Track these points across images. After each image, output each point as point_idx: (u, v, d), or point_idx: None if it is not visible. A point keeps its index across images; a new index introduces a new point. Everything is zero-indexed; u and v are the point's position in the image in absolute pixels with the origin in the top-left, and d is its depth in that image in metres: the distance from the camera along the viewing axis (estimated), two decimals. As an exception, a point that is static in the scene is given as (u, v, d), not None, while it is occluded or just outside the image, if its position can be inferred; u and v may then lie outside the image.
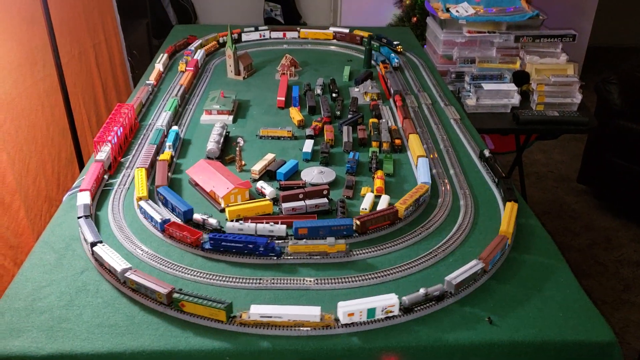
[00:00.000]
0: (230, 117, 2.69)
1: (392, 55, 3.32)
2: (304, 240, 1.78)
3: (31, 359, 1.43)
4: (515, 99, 3.32)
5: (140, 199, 1.98)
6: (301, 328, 1.50)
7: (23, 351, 1.44)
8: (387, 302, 1.52)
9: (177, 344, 1.47)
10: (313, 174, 2.22)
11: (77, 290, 1.64)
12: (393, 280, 1.70)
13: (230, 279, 1.68)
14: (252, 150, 2.43)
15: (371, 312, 1.51)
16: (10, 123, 2.76)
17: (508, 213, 1.91)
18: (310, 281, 1.68)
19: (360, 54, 3.51)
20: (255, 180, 2.18)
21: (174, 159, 2.36)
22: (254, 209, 1.96)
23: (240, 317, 1.51)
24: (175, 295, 1.54)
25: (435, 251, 1.81)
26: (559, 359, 1.50)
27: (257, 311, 1.50)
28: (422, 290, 1.55)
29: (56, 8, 3.28)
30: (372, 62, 3.38)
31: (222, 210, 2.00)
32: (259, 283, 1.67)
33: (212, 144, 2.36)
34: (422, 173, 2.15)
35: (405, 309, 1.54)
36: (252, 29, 3.71)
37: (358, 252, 1.79)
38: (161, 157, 2.28)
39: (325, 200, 2.01)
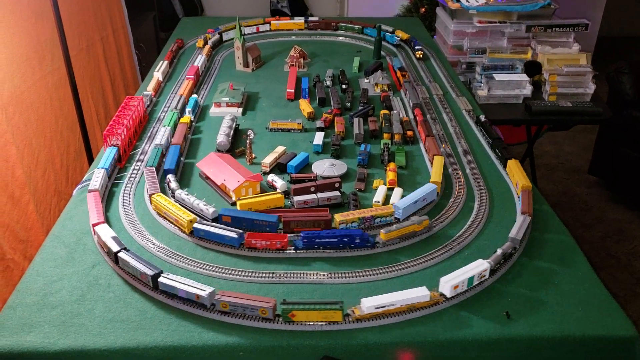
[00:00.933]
0: (240, 110, 2.67)
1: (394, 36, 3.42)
2: (395, 225, 1.77)
3: (43, 354, 1.42)
4: (527, 90, 3.28)
5: (191, 222, 1.83)
6: (412, 312, 1.51)
7: (35, 346, 1.42)
8: (480, 268, 1.58)
9: (190, 339, 1.45)
10: (324, 167, 2.19)
11: (89, 284, 1.63)
12: (408, 274, 1.68)
13: (244, 273, 1.66)
14: (262, 142, 2.40)
15: (470, 280, 1.56)
16: (19, 117, 2.75)
17: (515, 169, 2.07)
18: (323, 275, 1.66)
19: (370, 44, 3.47)
20: (266, 173, 2.16)
21: (193, 123, 2.56)
22: (265, 202, 1.94)
23: (354, 313, 1.49)
24: (283, 307, 1.47)
25: (450, 244, 1.79)
26: (579, 354, 1.48)
27: (371, 304, 1.48)
28: (499, 251, 1.66)
29: (65, 1, 3.26)
30: (382, 52, 3.34)
31: (234, 204, 1.98)
32: (272, 277, 1.65)
33: (222, 136, 2.34)
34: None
35: (492, 270, 1.62)
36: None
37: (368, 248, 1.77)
38: (181, 120, 2.49)
39: (337, 193, 1.99)
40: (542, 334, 1.47)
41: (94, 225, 1.79)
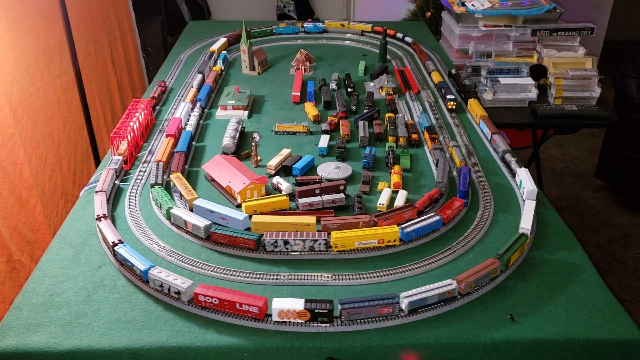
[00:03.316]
0: (246, 113, 2.68)
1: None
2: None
3: (49, 354, 1.43)
4: (533, 93, 3.27)
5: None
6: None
7: (41, 346, 1.44)
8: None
9: (194, 340, 1.46)
10: (329, 169, 2.20)
11: (95, 285, 1.64)
12: (412, 277, 1.68)
13: (248, 275, 1.67)
14: (267, 145, 2.41)
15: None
16: (27, 119, 2.77)
17: (475, 106, 2.47)
18: (327, 277, 1.66)
19: (376, 48, 3.48)
20: (271, 176, 2.17)
21: (223, 72, 3.05)
22: (270, 204, 1.95)
23: None
24: None
25: (454, 247, 1.79)
26: (584, 358, 1.47)
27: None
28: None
29: (73, 5, 3.29)
30: (387, 56, 3.34)
31: (239, 206, 1.99)
32: (276, 279, 1.66)
33: (227, 139, 2.35)
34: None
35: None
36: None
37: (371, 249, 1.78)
38: (214, 68, 2.93)
39: (342, 195, 1.99)
40: (547, 337, 1.46)
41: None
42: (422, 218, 1.84)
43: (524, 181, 2.04)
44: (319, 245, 1.74)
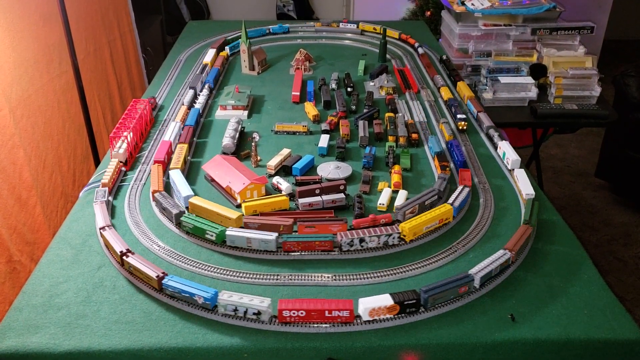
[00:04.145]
0: (245, 113, 2.68)
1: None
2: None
3: (49, 355, 1.43)
4: (533, 92, 3.27)
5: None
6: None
7: (41, 347, 1.43)
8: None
9: (195, 341, 1.45)
10: (329, 169, 2.20)
11: (94, 286, 1.63)
12: (413, 277, 1.68)
13: (248, 275, 1.67)
14: (267, 145, 2.41)
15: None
16: (26, 120, 2.77)
17: (464, 88, 2.64)
18: (327, 277, 1.66)
19: (375, 48, 3.47)
20: (271, 176, 2.17)
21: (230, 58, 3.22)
22: (270, 204, 1.94)
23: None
24: None
25: (455, 246, 1.79)
26: (584, 358, 1.47)
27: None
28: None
29: (73, 5, 3.29)
30: (387, 55, 3.34)
31: (239, 206, 1.98)
32: (277, 279, 1.66)
33: (227, 139, 2.34)
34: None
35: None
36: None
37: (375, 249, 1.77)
38: (221, 53, 3.12)
39: (342, 195, 1.99)
40: (547, 337, 1.46)
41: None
42: (459, 191, 1.96)
43: (507, 152, 2.20)
44: (392, 240, 1.77)
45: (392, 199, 2.02)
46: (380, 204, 1.98)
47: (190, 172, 2.23)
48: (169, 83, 3.00)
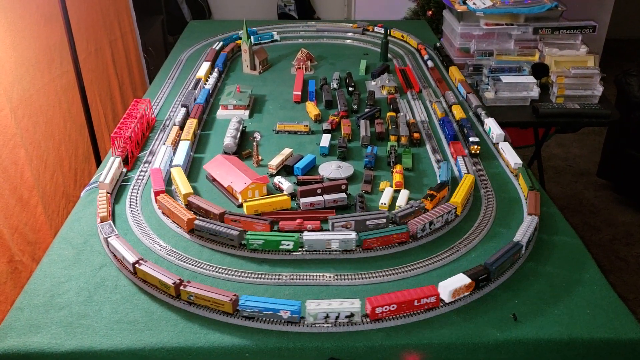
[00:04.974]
0: (247, 112, 2.68)
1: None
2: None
3: (50, 355, 1.43)
4: (535, 92, 3.26)
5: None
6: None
7: (42, 347, 1.43)
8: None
9: (196, 340, 1.45)
10: (331, 169, 2.20)
11: (96, 286, 1.63)
12: (414, 277, 1.67)
13: (249, 275, 1.66)
14: (268, 145, 2.41)
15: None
16: (28, 120, 2.77)
17: (455, 73, 2.86)
18: (329, 277, 1.66)
19: (377, 47, 3.47)
20: (273, 175, 2.16)
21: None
22: (271, 204, 1.94)
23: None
24: None
25: (457, 246, 1.78)
26: (587, 357, 1.47)
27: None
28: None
29: (74, 5, 3.29)
30: (389, 55, 3.34)
31: (240, 206, 1.98)
32: (278, 279, 1.65)
33: (228, 139, 2.34)
34: None
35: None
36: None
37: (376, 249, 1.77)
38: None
39: (343, 195, 1.99)
40: (550, 336, 1.46)
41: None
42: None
43: (492, 127, 2.35)
44: (450, 216, 1.88)
45: (394, 199, 2.02)
46: (382, 203, 1.98)
47: (192, 171, 2.23)
48: (170, 83, 3.00)
